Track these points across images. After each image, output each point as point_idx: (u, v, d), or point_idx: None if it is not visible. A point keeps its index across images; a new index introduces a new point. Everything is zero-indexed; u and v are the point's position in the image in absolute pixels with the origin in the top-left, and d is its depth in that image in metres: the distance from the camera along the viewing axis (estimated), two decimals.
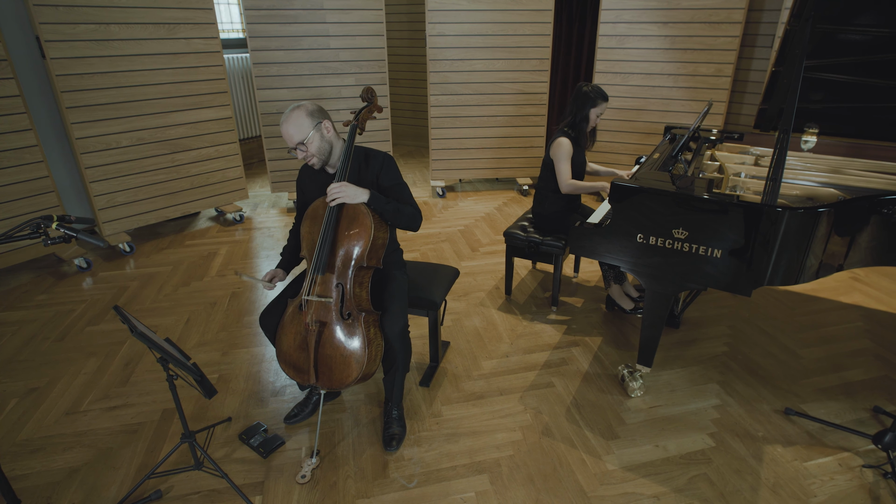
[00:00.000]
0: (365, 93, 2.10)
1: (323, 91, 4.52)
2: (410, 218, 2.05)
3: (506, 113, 4.89)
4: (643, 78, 4.56)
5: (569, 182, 2.85)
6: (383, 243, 2.00)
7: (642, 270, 2.12)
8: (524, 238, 2.95)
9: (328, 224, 1.91)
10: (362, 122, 2.07)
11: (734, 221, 1.89)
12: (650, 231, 2.04)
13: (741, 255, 1.92)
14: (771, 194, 1.84)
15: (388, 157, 2.12)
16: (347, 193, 1.89)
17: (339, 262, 1.92)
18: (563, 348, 2.74)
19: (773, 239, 1.86)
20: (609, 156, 4.88)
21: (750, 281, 1.94)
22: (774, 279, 1.92)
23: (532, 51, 4.70)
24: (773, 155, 1.84)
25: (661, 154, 2.71)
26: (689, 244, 1.98)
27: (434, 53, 4.63)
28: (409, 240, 4.04)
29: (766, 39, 4.64)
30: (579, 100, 2.79)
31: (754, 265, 1.92)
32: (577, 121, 2.83)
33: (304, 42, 4.35)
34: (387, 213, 1.97)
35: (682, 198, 1.95)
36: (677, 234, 1.99)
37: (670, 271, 2.06)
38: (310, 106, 1.98)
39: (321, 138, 1.98)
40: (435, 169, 5.03)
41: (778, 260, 1.89)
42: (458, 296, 3.24)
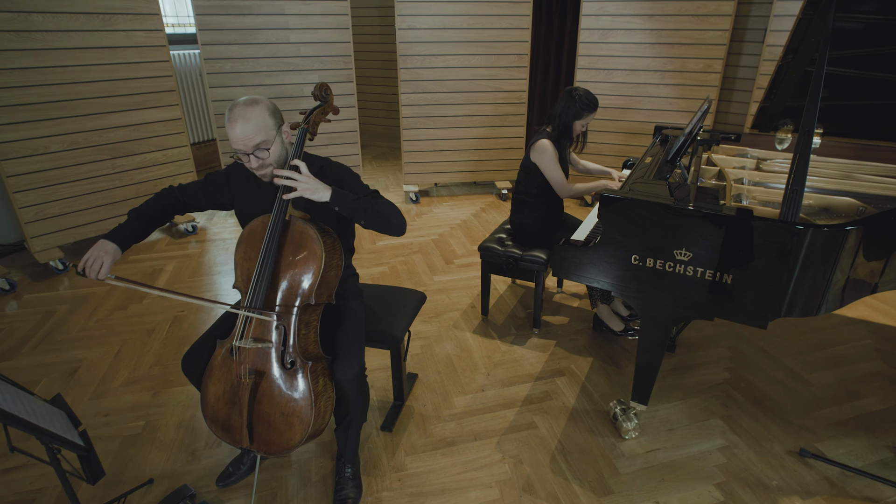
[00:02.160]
0: (318, 90, 1.74)
1: (283, 90, 4.14)
2: (391, 215, 1.65)
3: (483, 112, 4.56)
4: (628, 74, 4.27)
5: (567, 187, 2.54)
6: (337, 273, 1.65)
7: (638, 297, 1.81)
8: (501, 253, 2.62)
9: (268, 249, 1.55)
10: (313, 126, 1.72)
11: (748, 241, 1.58)
12: (647, 251, 1.73)
13: (755, 280, 1.62)
14: (791, 208, 1.54)
15: (346, 167, 1.78)
16: (309, 185, 1.51)
17: (281, 299, 1.57)
18: (546, 379, 2.42)
19: (794, 261, 1.56)
20: (593, 157, 4.58)
21: (765, 311, 1.64)
22: (793, 309, 1.62)
23: (510, 45, 4.38)
24: (794, 161, 1.53)
25: (655, 158, 2.40)
26: (694, 267, 1.67)
27: (404, 48, 4.29)
28: (378, 252, 3.69)
29: (755, 34, 4.39)
30: (564, 104, 2.49)
31: (770, 293, 1.61)
32: (559, 130, 2.52)
33: (261, 35, 3.97)
34: (359, 214, 1.58)
35: (686, 212, 1.64)
36: (680, 256, 1.68)
37: (671, 299, 1.75)
38: (270, 103, 1.61)
39: (281, 144, 1.63)
40: (408, 173, 4.69)
41: (798, 286, 1.59)
42: (429, 317, 2.90)
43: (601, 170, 2.83)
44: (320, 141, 4.35)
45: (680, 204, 1.65)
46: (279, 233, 1.56)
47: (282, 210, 1.57)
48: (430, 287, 3.21)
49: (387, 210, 1.65)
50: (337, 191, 1.56)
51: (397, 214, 1.68)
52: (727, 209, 1.62)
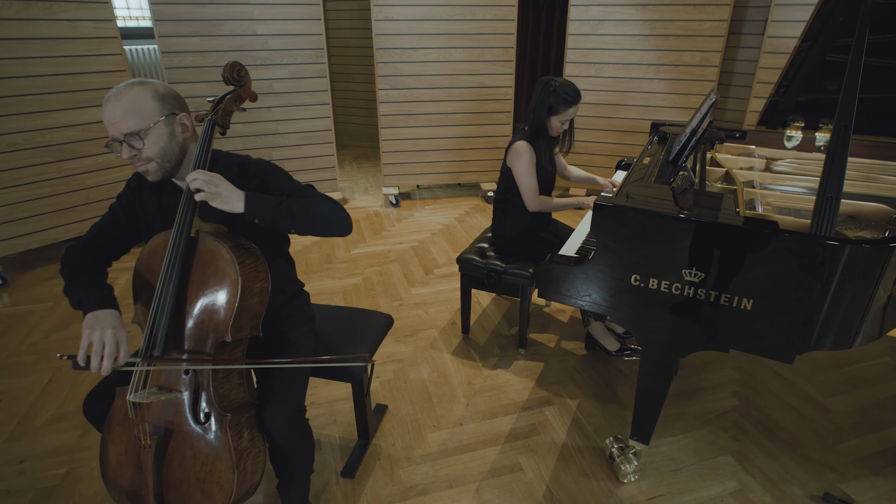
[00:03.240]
0: (229, 71, 1.43)
1: (253, 86, 3.81)
2: (330, 214, 1.36)
3: (466, 109, 4.28)
4: (620, 69, 4.01)
5: (536, 199, 2.25)
6: (262, 300, 1.35)
7: (640, 325, 1.53)
8: (483, 266, 2.34)
9: (168, 275, 1.25)
10: (225, 116, 1.42)
11: (772, 259, 1.31)
12: (650, 271, 1.45)
13: (781, 306, 1.34)
14: (825, 220, 1.26)
15: (270, 164, 1.48)
16: (219, 191, 1.23)
17: (189, 338, 1.27)
18: (532, 409, 2.14)
19: (827, 284, 1.29)
20: (583, 157, 4.32)
21: (792, 343, 1.37)
22: (824, 340, 1.35)
23: (494, 38, 4.10)
24: (829, 162, 1.26)
25: (654, 159, 2.13)
26: (707, 291, 1.39)
27: (381, 41, 3.99)
28: (352, 261, 3.39)
29: (754, 26, 4.14)
30: (539, 98, 2.17)
31: (798, 321, 1.34)
32: (534, 128, 2.22)
33: (224, 27, 3.65)
34: (286, 220, 1.30)
35: (696, 224, 1.36)
36: (689, 276, 1.40)
37: (679, 327, 1.48)
38: (161, 86, 1.32)
39: (169, 137, 1.33)
40: (387, 174, 4.39)
41: (831, 314, 1.32)
42: (404, 335, 2.61)
43: (587, 177, 2.55)
44: (291, 141, 4.05)
45: (689, 214, 1.37)
46: (182, 253, 1.26)
47: (185, 223, 1.28)
48: (406, 301, 2.92)
49: (323, 208, 1.36)
50: (252, 196, 1.26)
51: (337, 211, 1.38)
52: (745, 220, 1.35)
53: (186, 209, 1.30)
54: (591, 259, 1.53)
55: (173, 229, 1.29)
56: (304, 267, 3.30)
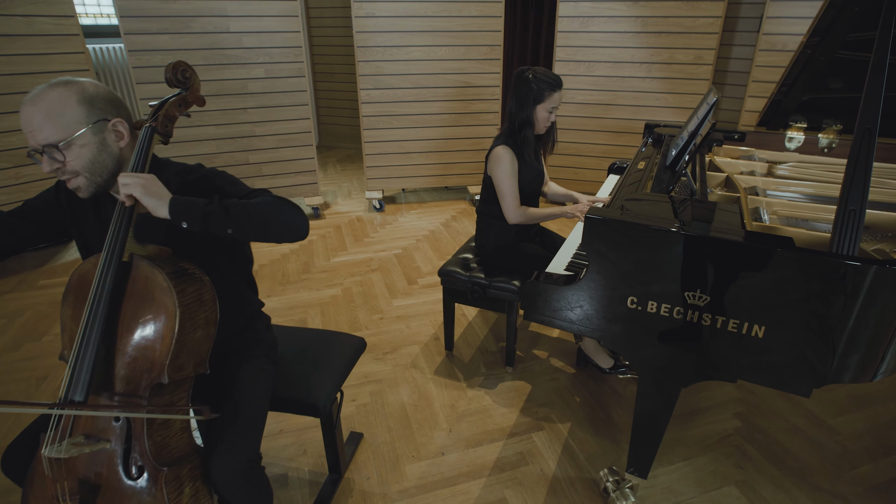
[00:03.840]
0: (172, 72, 1.25)
1: (224, 86, 3.63)
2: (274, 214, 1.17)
3: (452, 110, 4.11)
4: (611, 67, 3.86)
5: (517, 210, 2.08)
6: (208, 333, 1.17)
7: (637, 351, 1.37)
8: (466, 279, 2.17)
9: (95, 304, 1.08)
10: (165, 123, 1.24)
11: (787, 280, 1.15)
12: (649, 293, 1.29)
13: (796, 334, 1.19)
14: (847, 237, 1.11)
15: (217, 170, 1.31)
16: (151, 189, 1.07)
17: (120, 380, 1.09)
18: (520, 435, 1.97)
19: (848, 309, 1.13)
20: (573, 159, 4.16)
21: (807, 375, 1.21)
22: (843, 372, 1.19)
23: (481, 35, 3.93)
24: (851, 171, 1.11)
25: (649, 163, 1.97)
26: (712, 316, 1.24)
27: (362, 39, 3.81)
28: (331, 271, 3.21)
29: (748, 23, 4.01)
30: (519, 91, 2.00)
31: (816, 350, 1.18)
32: (517, 125, 2.04)
33: (195, 24, 3.45)
34: (218, 221, 1.10)
35: (701, 241, 1.20)
36: (693, 300, 1.24)
37: (681, 356, 1.32)
38: (90, 87, 1.14)
39: (99, 147, 1.15)
40: (370, 178, 4.21)
41: (851, 342, 1.16)
42: (384, 353, 2.44)
43: (566, 195, 2.37)
44: (269, 144, 3.86)
45: (691, 230, 1.21)
46: (112, 281, 1.08)
47: (116, 246, 1.10)
48: (387, 314, 2.75)
49: (270, 208, 1.17)
50: (177, 198, 1.09)
51: (287, 211, 1.19)
52: (756, 237, 1.19)
53: (119, 229, 1.12)
54: (581, 278, 1.37)
55: (102, 252, 1.11)
56: (280, 278, 3.12)
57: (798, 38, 3.41)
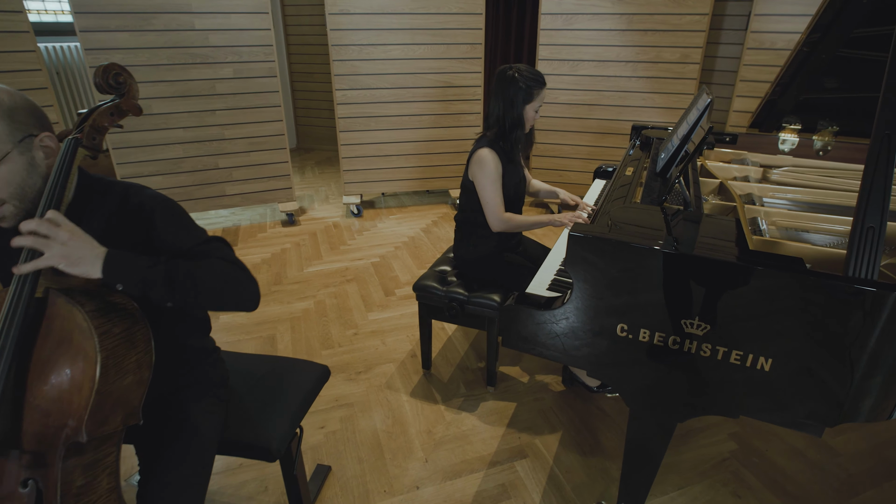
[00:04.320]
0: (102, 76, 1.08)
1: (190, 86, 3.44)
2: (226, 285, 1.04)
3: (432, 111, 3.95)
4: (596, 66, 3.73)
5: (501, 217, 1.94)
6: (139, 380, 1.00)
7: (627, 384, 1.23)
8: (443, 294, 2.02)
9: (2, 347, 0.90)
10: (93, 135, 1.07)
11: (797, 307, 1.02)
12: (640, 320, 1.14)
13: (807, 367, 1.05)
14: (865, 258, 0.97)
15: (166, 202, 1.12)
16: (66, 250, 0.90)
17: (31, 436, 0.92)
18: (502, 464, 1.82)
19: (864, 340, 1.00)
20: (557, 161, 4.03)
21: (819, 412, 1.08)
22: (858, 410, 1.06)
23: (461, 34, 3.78)
24: (868, 182, 0.97)
25: (637, 169, 1.84)
26: (713, 346, 1.09)
27: (337, 37, 3.64)
28: (304, 282, 3.03)
29: (735, 21, 3.90)
30: (505, 92, 1.87)
31: (828, 385, 1.05)
32: (507, 127, 1.90)
33: (157, 20, 3.25)
34: (162, 290, 0.97)
35: (699, 262, 1.06)
36: (691, 329, 1.10)
37: (677, 390, 1.17)
38: (6, 98, 0.95)
39: (28, 168, 0.98)
40: (348, 182, 4.04)
41: (868, 378, 1.03)
42: (357, 372, 2.28)
43: (550, 191, 2.24)
44: (239, 147, 3.66)
45: (687, 249, 1.07)
46: (21, 320, 0.91)
47: (27, 278, 0.93)
48: (362, 329, 2.59)
49: (221, 278, 1.03)
50: (114, 256, 0.92)
51: (239, 282, 1.05)
52: (762, 258, 1.05)
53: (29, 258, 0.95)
54: (565, 302, 1.22)
55: (10, 287, 0.93)
56: None
57: (786, 35, 3.31)
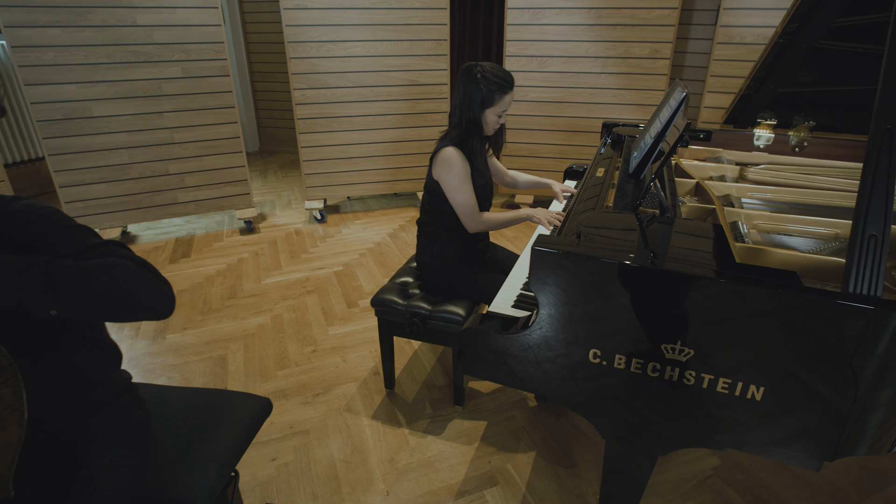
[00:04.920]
0: None
1: (134, 87, 3.20)
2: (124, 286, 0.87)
3: (397, 110, 3.78)
4: (565, 62, 3.61)
5: (476, 218, 1.79)
6: (4, 444, 0.81)
7: (602, 416, 1.09)
8: (403, 309, 1.86)
9: None
10: None
11: (791, 328, 0.89)
12: (615, 345, 1.00)
13: (803, 396, 0.92)
14: (866, 272, 0.85)
15: (44, 209, 0.94)
16: None
17: None
18: (471, 493, 1.67)
19: (863, 365, 0.87)
20: (527, 160, 3.91)
21: (817, 446, 0.95)
22: (858, 443, 0.94)
23: (425, 29, 3.62)
24: (868, 186, 0.85)
25: (609, 170, 1.71)
26: (697, 373, 0.96)
27: (293, 33, 3.44)
28: (260, 295, 2.83)
29: (705, 16, 3.84)
30: (465, 91, 1.71)
31: (827, 417, 0.92)
32: (465, 128, 1.75)
33: (94, 15, 3.01)
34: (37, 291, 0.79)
35: (680, 279, 0.92)
36: (672, 354, 0.96)
37: (659, 421, 1.04)
38: None
39: None
40: (310, 186, 3.84)
41: (871, 407, 0.91)
42: (315, 394, 2.10)
43: (536, 182, 2.12)
44: (191, 152, 3.43)
45: (666, 263, 0.93)
46: None
47: None
48: (321, 345, 2.41)
49: (120, 277, 0.85)
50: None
51: (144, 279, 0.87)
52: (752, 272, 0.92)
53: None
54: (530, 325, 1.07)
55: None
56: (200, 306, 2.72)
57: (756, 29, 3.25)
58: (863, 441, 0.93)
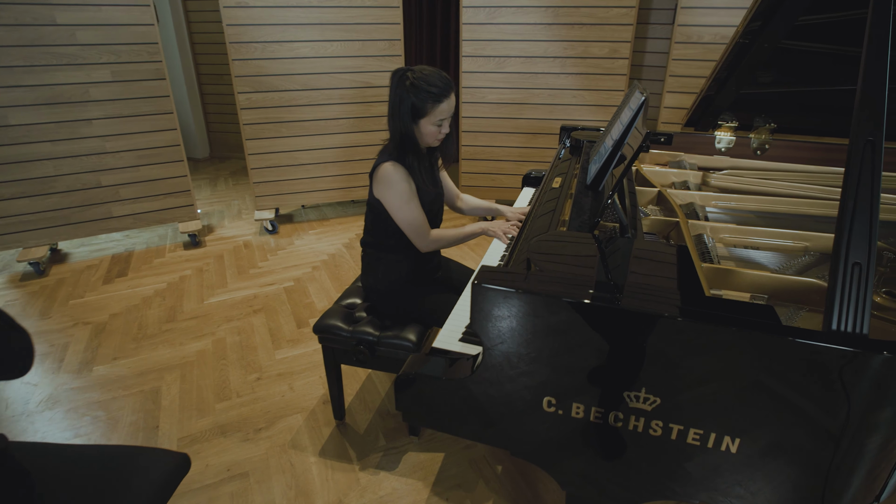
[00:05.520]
0: None
1: (57, 92, 2.92)
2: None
3: (350, 114, 3.60)
4: (523, 63, 3.50)
5: (427, 237, 1.64)
6: None
7: (560, 469, 0.95)
8: (349, 335, 1.69)
9: None
10: None
11: (767, 373, 0.77)
12: (572, 392, 0.87)
13: (781, 447, 0.80)
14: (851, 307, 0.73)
15: None
16: None
17: None
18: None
19: (853, 412, 0.76)
20: (486, 164, 3.78)
21: (800, 499, 0.84)
22: (841, 496, 0.83)
23: (377, 29, 3.45)
24: (848, 207, 0.74)
25: (566, 180, 1.58)
26: (664, 423, 0.83)
27: (235, 33, 3.22)
28: (203, 317, 2.62)
29: (663, 15, 3.79)
30: (395, 101, 1.53)
31: (807, 469, 0.81)
32: (398, 142, 1.57)
33: (6, 13, 2.72)
34: None
35: (643, 319, 0.79)
36: (636, 402, 0.83)
37: (621, 475, 0.91)
38: None
39: None
40: (259, 195, 3.62)
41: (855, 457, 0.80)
42: (257, 429, 1.91)
43: (488, 209, 1.96)
44: (125, 161, 3.17)
45: (629, 301, 0.80)
46: None
47: None
48: (267, 371, 2.22)
49: None
50: None
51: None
52: (722, 308, 0.79)
53: None
54: (475, 369, 0.93)
55: None
56: (134, 332, 2.49)
57: (713, 28, 3.20)
58: (846, 493, 0.82)
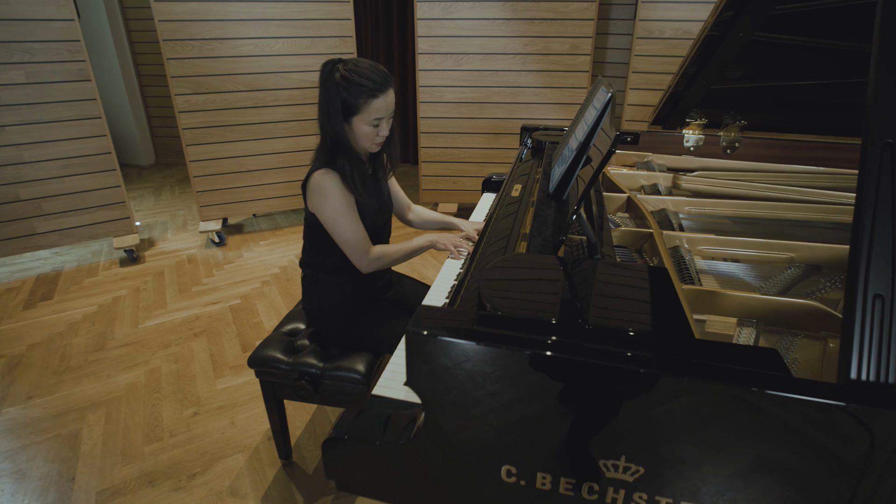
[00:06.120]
0: None
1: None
2: None
3: (299, 116, 3.38)
4: (482, 60, 3.34)
5: (368, 255, 1.44)
6: None
7: None
8: (288, 367, 1.49)
9: None
10: None
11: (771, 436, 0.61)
12: (536, 460, 0.70)
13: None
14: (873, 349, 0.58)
15: None
16: None
17: None
18: None
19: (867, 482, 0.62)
20: (448, 168, 3.61)
21: None
22: None
23: (327, 25, 3.24)
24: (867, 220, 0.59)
25: (526, 187, 1.42)
26: (650, 496, 0.67)
27: (168, 30, 2.96)
28: (137, 343, 2.36)
29: (623, 10, 3.69)
30: (324, 97, 1.33)
31: None
32: (329, 145, 1.38)
33: None
34: None
35: (623, 375, 0.63)
36: (614, 472, 0.67)
37: None
38: None
39: None
40: (204, 205, 3.36)
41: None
42: (191, 474, 1.69)
43: (442, 221, 1.77)
44: (48, 172, 2.87)
45: (601, 355, 0.64)
46: None
47: None
48: (206, 404, 1.99)
49: None
50: None
51: None
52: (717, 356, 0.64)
53: None
54: (416, 433, 0.75)
55: None
56: (55, 365, 2.21)
57: (675, 23, 3.11)
58: None
